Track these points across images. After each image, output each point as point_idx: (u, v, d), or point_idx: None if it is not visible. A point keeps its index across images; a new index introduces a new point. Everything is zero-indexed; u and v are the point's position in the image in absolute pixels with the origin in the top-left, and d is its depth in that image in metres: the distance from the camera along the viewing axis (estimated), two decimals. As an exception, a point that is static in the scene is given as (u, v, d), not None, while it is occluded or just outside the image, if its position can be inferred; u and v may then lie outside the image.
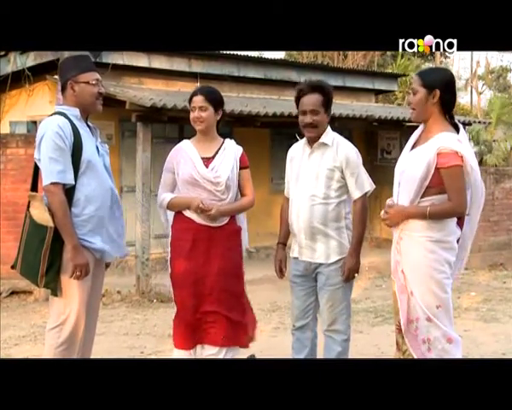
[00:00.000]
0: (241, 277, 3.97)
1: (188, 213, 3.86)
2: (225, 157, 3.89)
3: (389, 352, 4.96)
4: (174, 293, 3.94)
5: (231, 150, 3.92)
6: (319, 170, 3.78)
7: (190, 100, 3.93)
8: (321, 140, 3.80)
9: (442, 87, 3.29)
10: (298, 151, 3.94)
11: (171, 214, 4.03)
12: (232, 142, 3.99)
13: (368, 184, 3.83)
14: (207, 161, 3.87)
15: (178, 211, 3.91)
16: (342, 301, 3.80)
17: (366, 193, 3.83)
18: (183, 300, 3.86)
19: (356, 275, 3.81)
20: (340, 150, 3.78)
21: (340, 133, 3.95)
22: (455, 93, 3.41)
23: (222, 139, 3.97)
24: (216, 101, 3.89)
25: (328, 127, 3.86)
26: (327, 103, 3.80)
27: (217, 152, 3.90)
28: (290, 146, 4.06)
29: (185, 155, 3.90)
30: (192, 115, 3.89)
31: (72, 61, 3.68)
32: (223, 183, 3.83)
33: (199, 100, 3.86)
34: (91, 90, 3.56)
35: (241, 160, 3.94)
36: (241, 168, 3.93)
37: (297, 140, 4.01)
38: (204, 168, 3.84)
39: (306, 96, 3.78)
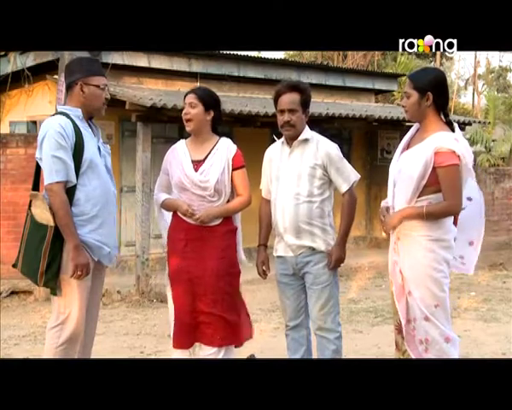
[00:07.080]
0: (236, 277, 3.96)
1: (181, 214, 3.87)
2: (216, 160, 3.84)
3: (389, 352, 4.96)
4: (171, 292, 3.95)
5: (223, 151, 3.86)
6: (301, 168, 3.79)
7: (184, 100, 3.93)
8: (300, 138, 3.81)
9: (434, 89, 3.29)
10: (276, 152, 3.94)
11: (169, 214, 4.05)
12: (227, 141, 3.93)
13: (353, 175, 3.85)
14: (198, 164, 3.84)
15: (174, 211, 3.93)
16: (330, 299, 3.82)
17: (353, 184, 3.85)
18: (179, 298, 3.87)
19: (341, 265, 3.84)
20: (320, 147, 3.80)
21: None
22: (447, 92, 3.42)
23: (217, 138, 3.92)
24: (207, 100, 3.86)
25: (307, 127, 3.88)
26: (304, 103, 3.82)
27: (208, 154, 3.86)
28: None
29: (177, 156, 3.90)
30: (182, 113, 3.90)
31: (84, 62, 3.66)
32: (211, 187, 3.79)
33: (189, 97, 3.86)
34: (100, 94, 3.56)
35: (234, 160, 3.87)
36: (234, 169, 3.87)
37: (274, 141, 4.01)
38: (192, 172, 3.81)
39: (284, 95, 3.80)
